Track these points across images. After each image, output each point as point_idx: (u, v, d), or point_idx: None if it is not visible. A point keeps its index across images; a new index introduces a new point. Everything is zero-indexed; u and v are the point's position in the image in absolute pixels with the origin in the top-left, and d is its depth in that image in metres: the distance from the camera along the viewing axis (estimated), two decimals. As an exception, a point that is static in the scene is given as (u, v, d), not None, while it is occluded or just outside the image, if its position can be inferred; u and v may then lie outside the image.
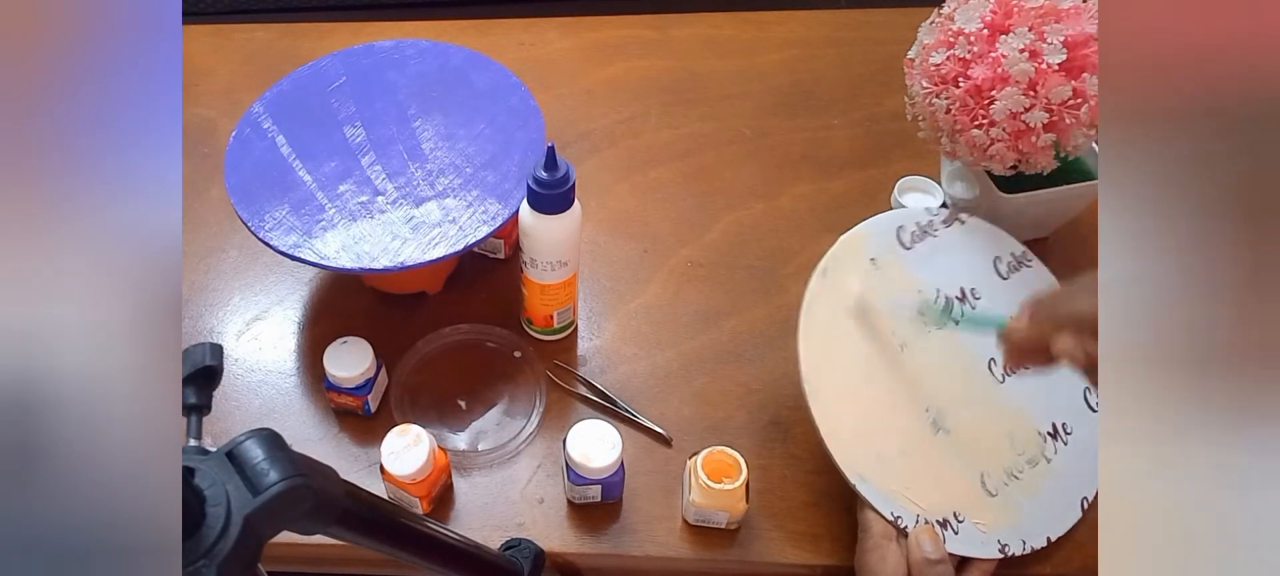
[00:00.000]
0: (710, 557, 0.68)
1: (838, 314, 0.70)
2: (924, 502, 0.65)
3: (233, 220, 0.81)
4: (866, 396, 0.68)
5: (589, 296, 0.84)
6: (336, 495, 0.40)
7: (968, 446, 0.69)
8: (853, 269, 0.72)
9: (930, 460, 0.67)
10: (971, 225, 0.76)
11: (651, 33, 1.11)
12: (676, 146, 0.98)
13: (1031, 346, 0.58)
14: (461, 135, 0.78)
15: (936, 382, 0.70)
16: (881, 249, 0.73)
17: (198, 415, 0.40)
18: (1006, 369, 0.68)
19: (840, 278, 0.71)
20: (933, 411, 0.69)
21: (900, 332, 0.71)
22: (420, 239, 0.71)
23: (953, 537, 0.64)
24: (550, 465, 0.73)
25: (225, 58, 1.07)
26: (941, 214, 0.75)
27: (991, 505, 0.67)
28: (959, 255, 0.75)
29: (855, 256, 0.72)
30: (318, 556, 0.69)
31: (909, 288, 0.73)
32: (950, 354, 0.72)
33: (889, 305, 0.71)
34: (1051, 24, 0.69)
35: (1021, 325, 0.59)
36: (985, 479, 0.68)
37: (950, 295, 0.73)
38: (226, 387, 0.77)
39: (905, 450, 0.67)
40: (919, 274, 0.73)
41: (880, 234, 0.73)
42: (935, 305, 0.72)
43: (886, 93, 1.03)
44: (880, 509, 0.64)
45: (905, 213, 0.75)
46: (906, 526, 0.64)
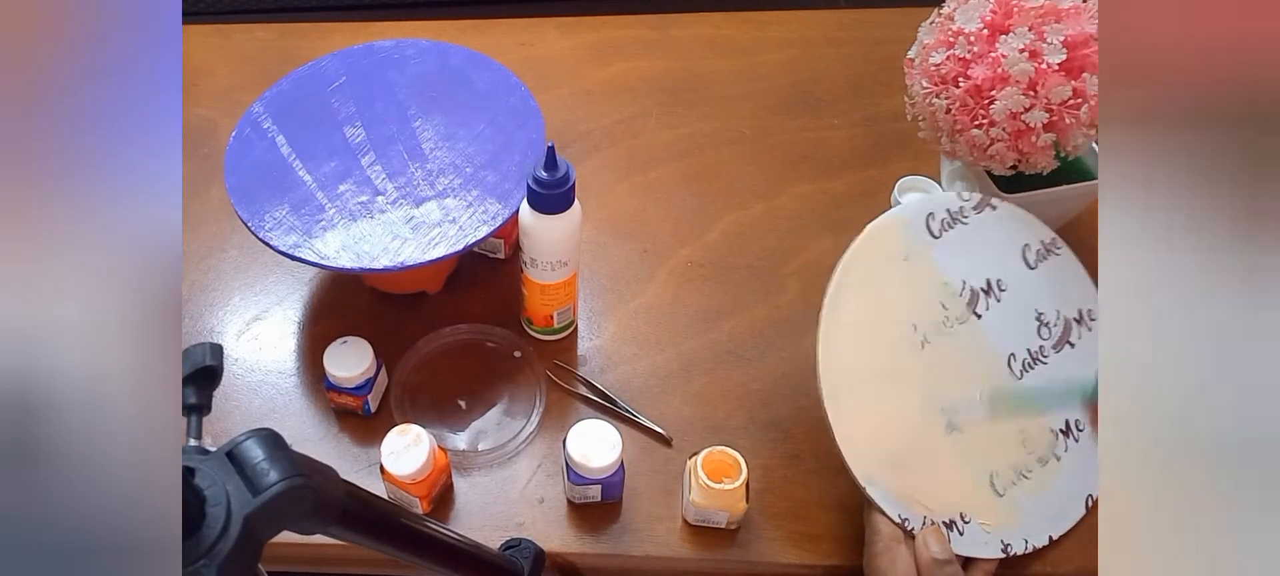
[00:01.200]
0: (710, 557, 0.68)
1: (861, 312, 0.68)
2: (932, 504, 0.65)
3: (233, 220, 0.81)
4: (883, 398, 0.67)
5: (589, 296, 0.84)
6: (336, 495, 0.40)
7: (979, 446, 0.68)
8: (878, 264, 0.70)
9: (941, 461, 0.67)
10: (1003, 211, 0.73)
11: (651, 33, 1.11)
12: (676, 146, 0.98)
13: None
14: (461, 135, 0.78)
15: (956, 381, 0.69)
16: (909, 240, 0.71)
17: (198, 415, 0.40)
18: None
19: (865, 273, 0.69)
20: (947, 411, 0.68)
21: (923, 327, 0.69)
22: (420, 239, 0.71)
23: (958, 538, 0.64)
24: (550, 465, 0.73)
25: (225, 58, 1.07)
26: (973, 199, 0.73)
27: (998, 505, 0.67)
28: (988, 245, 0.73)
29: (881, 250, 0.70)
30: (318, 556, 0.69)
31: (934, 281, 0.70)
32: (973, 351, 0.70)
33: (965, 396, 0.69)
34: (1051, 24, 0.69)
35: None
36: (994, 478, 0.67)
37: (976, 287, 0.71)
38: (226, 387, 0.77)
39: (917, 452, 0.66)
40: (946, 266, 0.71)
41: (908, 224, 0.71)
42: (1005, 394, 0.70)
43: (886, 93, 1.03)
44: (888, 511, 0.63)
45: (935, 199, 0.73)
46: (913, 529, 0.63)
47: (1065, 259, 0.74)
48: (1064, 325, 0.72)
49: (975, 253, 0.72)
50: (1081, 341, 0.72)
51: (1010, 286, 0.72)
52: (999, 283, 0.72)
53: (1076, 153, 0.77)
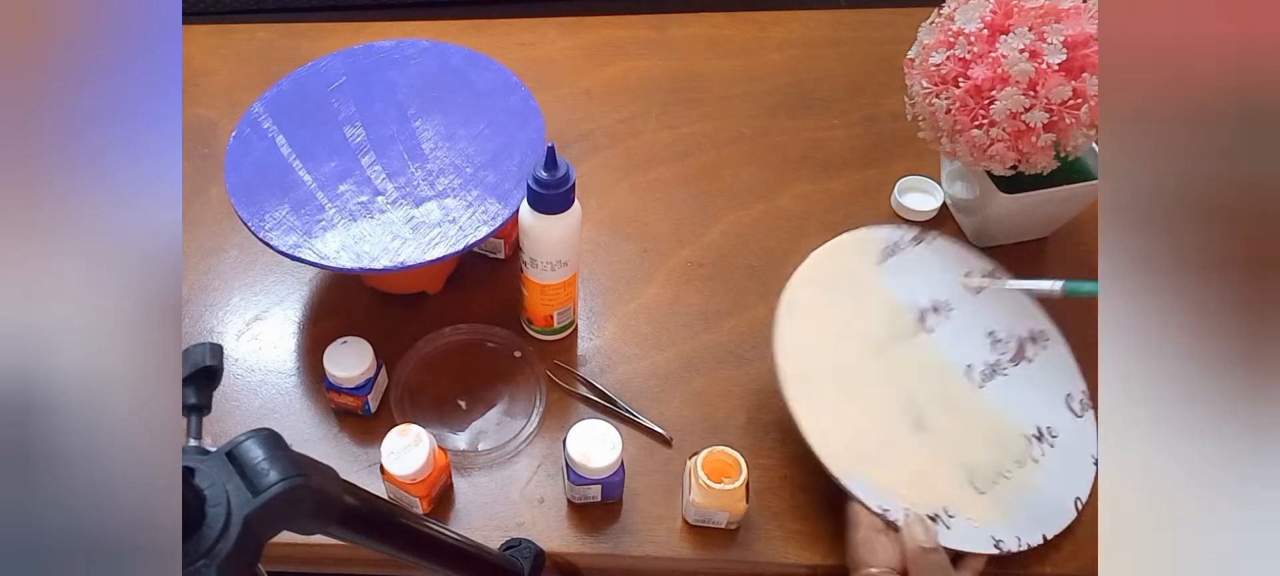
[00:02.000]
0: (710, 557, 0.68)
1: (814, 325, 0.71)
2: (912, 499, 0.66)
3: (233, 220, 0.81)
4: (848, 396, 0.69)
5: (589, 296, 0.84)
6: (336, 495, 0.40)
7: (951, 446, 0.69)
8: (823, 286, 0.73)
9: (914, 458, 0.68)
10: (939, 244, 0.78)
11: (651, 33, 1.11)
12: (676, 146, 0.98)
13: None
14: (461, 135, 0.78)
15: (915, 385, 0.71)
16: (852, 267, 0.75)
17: (198, 415, 0.40)
18: None
19: (812, 293, 0.72)
20: (913, 412, 0.70)
21: (876, 337, 0.72)
22: (420, 239, 0.71)
23: (945, 532, 0.64)
24: (550, 465, 0.73)
25: (225, 58, 1.07)
26: (911, 232, 0.77)
27: (982, 502, 0.67)
28: (929, 271, 0.77)
29: (824, 276, 0.74)
30: (318, 556, 0.69)
31: (882, 302, 0.74)
32: (930, 359, 0.73)
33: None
34: (1051, 24, 0.69)
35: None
36: (973, 477, 0.68)
37: (924, 307, 0.75)
38: (226, 387, 0.77)
39: (888, 448, 0.68)
40: (892, 287, 0.75)
41: (849, 250, 0.75)
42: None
43: (886, 93, 1.03)
44: (868, 502, 0.64)
45: (874, 233, 0.77)
46: (896, 519, 0.64)
47: (1007, 286, 0.78)
48: (1017, 343, 0.75)
49: (918, 277, 0.76)
50: (1038, 358, 0.75)
51: (956, 307, 0.76)
52: (945, 303, 0.76)
53: (1076, 153, 0.77)
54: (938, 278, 0.77)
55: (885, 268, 0.76)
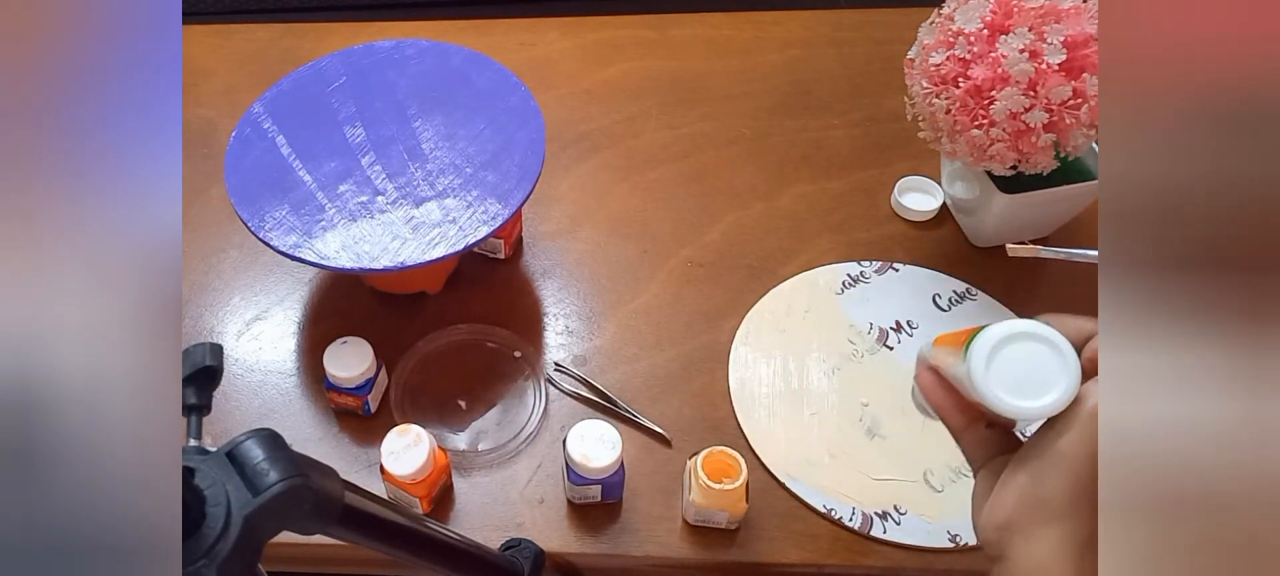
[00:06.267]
0: (710, 557, 0.68)
1: (769, 350, 0.77)
2: (860, 499, 0.68)
3: (233, 220, 0.81)
4: (798, 409, 0.74)
5: (589, 296, 0.84)
6: (336, 495, 0.40)
7: (906, 448, 0.72)
8: (779, 315, 0.79)
9: (865, 461, 0.71)
10: (907, 272, 0.81)
11: (651, 33, 1.11)
12: (676, 146, 0.98)
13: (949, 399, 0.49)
14: (461, 135, 0.78)
15: (870, 396, 0.75)
16: (810, 298, 0.81)
17: (198, 415, 0.40)
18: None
19: (772, 321, 0.79)
20: (867, 420, 0.73)
21: (832, 358, 0.77)
22: (420, 239, 0.71)
23: (894, 528, 0.67)
24: (550, 465, 0.73)
25: (225, 58, 1.07)
26: (874, 264, 0.82)
27: (938, 499, 0.69)
28: (893, 297, 0.81)
29: (781, 306, 0.80)
30: (318, 556, 0.69)
31: (841, 324, 0.79)
32: (888, 373, 0.76)
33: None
34: (1051, 24, 0.69)
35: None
36: (929, 476, 0.70)
37: (885, 327, 0.78)
38: (226, 387, 0.77)
39: (838, 453, 0.71)
40: (852, 313, 0.80)
41: (809, 284, 0.81)
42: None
43: (886, 93, 1.03)
44: (813, 503, 0.68)
45: (835, 268, 0.84)
46: (840, 518, 0.67)
47: (982, 302, 0.81)
48: None
49: (880, 303, 0.81)
50: None
51: (922, 324, 0.79)
52: (909, 322, 0.79)
53: (1076, 153, 0.77)
54: (907, 301, 0.81)
55: (845, 297, 0.81)
